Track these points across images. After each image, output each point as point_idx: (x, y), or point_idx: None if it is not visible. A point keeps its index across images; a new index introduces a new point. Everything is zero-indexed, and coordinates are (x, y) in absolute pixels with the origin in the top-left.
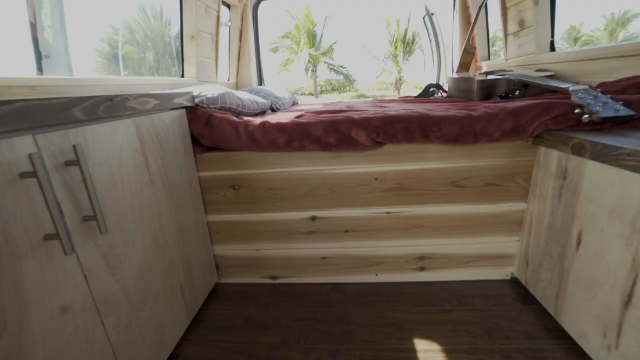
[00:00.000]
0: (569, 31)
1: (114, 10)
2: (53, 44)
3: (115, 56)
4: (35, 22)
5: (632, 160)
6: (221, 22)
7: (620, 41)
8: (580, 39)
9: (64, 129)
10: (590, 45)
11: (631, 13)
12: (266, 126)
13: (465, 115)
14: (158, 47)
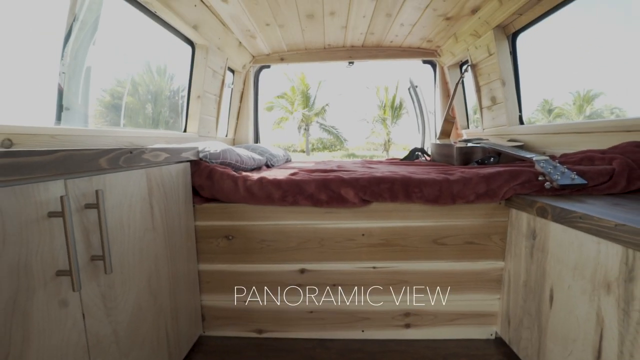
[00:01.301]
0: (543, 104)
1: (123, 65)
2: (74, 97)
3: (115, 105)
4: (64, 77)
5: (583, 222)
6: (225, 83)
7: (587, 115)
8: (553, 111)
9: (89, 175)
10: (562, 116)
11: (593, 92)
12: (263, 181)
13: (443, 178)
14: (158, 100)
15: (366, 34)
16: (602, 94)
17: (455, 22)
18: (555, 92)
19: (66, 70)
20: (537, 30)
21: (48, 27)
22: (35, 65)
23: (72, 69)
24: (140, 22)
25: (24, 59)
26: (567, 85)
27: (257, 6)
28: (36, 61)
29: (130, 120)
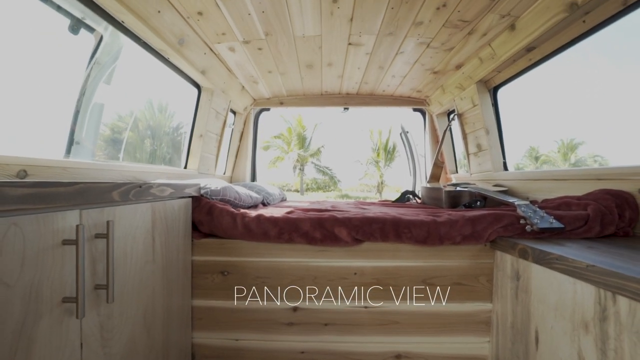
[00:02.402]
0: (530, 151)
1: (127, 102)
2: (85, 133)
3: (114, 140)
4: (78, 113)
5: (559, 263)
6: (226, 124)
7: (572, 162)
8: (539, 158)
9: (101, 206)
10: (548, 163)
11: (575, 140)
12: (261, 218)
13: (431, 220)
14: (157, 135)
15: (360, 83)
16: (583, 143)
17: (442, 75)
18: (540, 140)
19: (81, 108)
20: (523, 81)
21: (67, 69)
22: (52, 99)
23: (86, 107)
24: (149, 63)
25: (42, 91)
26: (551, 133)
27: (261, 56)
28: (53, 94)
29: (129, 154)
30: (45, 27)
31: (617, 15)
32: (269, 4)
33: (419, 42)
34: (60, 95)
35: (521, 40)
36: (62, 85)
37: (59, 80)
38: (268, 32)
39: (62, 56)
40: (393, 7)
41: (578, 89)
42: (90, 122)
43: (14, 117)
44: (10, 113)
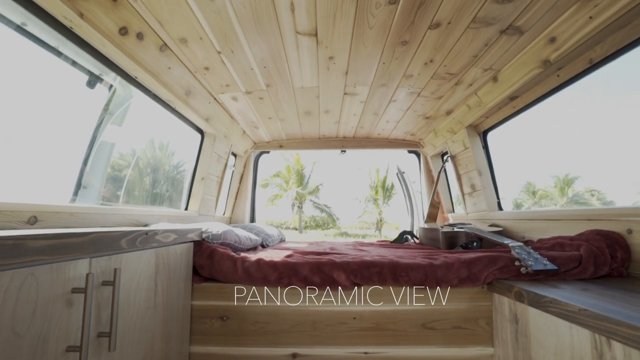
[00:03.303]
0: (527, 186)
1: (130, 142)
2: (92, 177)
3: (114, 178)
4: (88, 159)
5: (553, 307)
6: (227, 166)
7: (569, 196)
8: (537, 193)
9: (110, 254)
10: (547, 198)
11: (571, 175)
12: (260, 263)
13: (428, 263)
14: (157, 174)
15: (357, 128)
16: (579, 177)
17: (434, 120)
18: (536, 175)
19: (90, 154)
20: (515, 119)
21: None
22: (62, 145)
23: (95, 153)
24: (155, 108)
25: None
26: (546, 168)
27: (262, 104)
28: (64, 140)
29: (128, 193)
30: (64, 82)
31: (586, 71)
32: (270, 60)
33: (410, 91)
34: (70, 141)
35: (504, 90)
36: (74, 132)
37: (71, 127)
38: (269, 84)
39: (76, 105)
40: (384, 63)
41: (571, 123)
42: (98, 167)
43: (25, 162)
44: (22, 158)
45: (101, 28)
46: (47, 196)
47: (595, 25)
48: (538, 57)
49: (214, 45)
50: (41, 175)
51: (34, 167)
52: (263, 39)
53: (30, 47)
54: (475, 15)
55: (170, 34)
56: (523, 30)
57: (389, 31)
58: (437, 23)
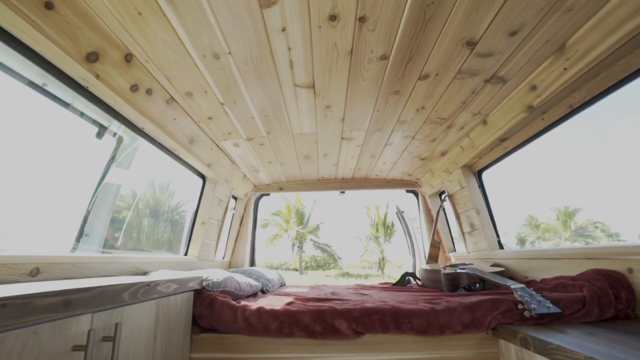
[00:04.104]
0: (529, 219)
1: (133, 184)
2: (95, 225)
3: (113, 219)
4: (92, 204)
5: (560, 354)
6: (228, 209)
7: (573, 229)
8: (540, 226)
9: (112, 308)
10: (550, 231)
11: (572, 207)
12: (261, 312)
13: (430, 308)
14: (156, 215)
15: (354, 169)
16: (580, 210)
17: (429, 161)
18: (537, 208)
19: (94, 202)
20: (513, 156)
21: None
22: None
23: (99, 201)
24: (158, 154)
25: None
26: (546, 202)
27: (262, 149)
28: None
29: (126, 234)
30: (74, 133)
31: (568, 115)
32: (270, 110)
33: (405, 135)
34: (76, 189)
35: (494, 133)
36: (80, 180)
37: (78, 175)
38: (269, 131)
39: (84, 155)
40: (379, 110)
41: (567, 155)
42: (102, 212)
43: (30, 211)
44: (26, 208)
45: (114, 86)
46: (51, 243)
47: (569, 75)
48: (522, 102)
49: (217, 98)
50: (46, 223)
51: (38, 215)
52: (264, 91)
53: (45, 103)
54: (460, 67)
55: (177, 89)
56: (506, 79)
57: (381, 83)
58: (426, 75)
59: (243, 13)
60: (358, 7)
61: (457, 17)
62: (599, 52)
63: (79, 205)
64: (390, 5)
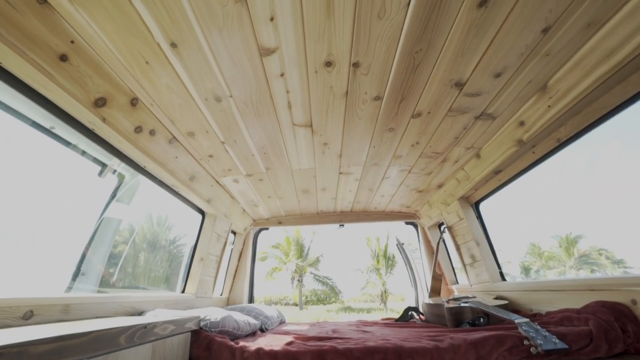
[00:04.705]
0: (531, 247)
1: (129, 218)
2: (93, 263)
3: (110, 254)
4: (89, 245)
5: None
6: (227, 244)
7: (576, 257)
8: (543, 254)
9: (107, 353)
10: (554, 259)
11: (573, 234)
12: (260, 353)
13: (433, 346)
14: (154, 249)
15: (353, 203)
16: (582, 236)
17: (427, 193)
18: (538, 235)
19: (94, 242)
20: (514, 185)
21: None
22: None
23: (98, 239)
24: (158, 190)
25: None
26: (547, 229)
27: (262, 185)
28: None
29: (123, 270)
30: (77, 173)
31: (557, 148)
32: (269, 147)
33: (401, 169)
34: (76, 227)
35: (488, 166)
36: (81, 218)
37: (79, 213)
38: (268, 167)
39: (86, 193)
40: (375, 146)
41: (564, 182)
42: (99, 253)
43: (28, 250)
44: (22, 248)
45: (119, 128)
46: (46, 283)
47: (554, 112)
48: (512, 137)
49: (218, 137)
50: (43, 262)
51: (36, 254)
52: (263, 130)
53: (49, 143)
54: (450, 106)
55: (180, 129)
56: (495, 115)
57: (376, 121)
58: (419, 113)
59: (244, 61)
60: (352, 54)
61: (444, 62)
62: (578, 92)
63: (78, 243)
64: (382, 52)
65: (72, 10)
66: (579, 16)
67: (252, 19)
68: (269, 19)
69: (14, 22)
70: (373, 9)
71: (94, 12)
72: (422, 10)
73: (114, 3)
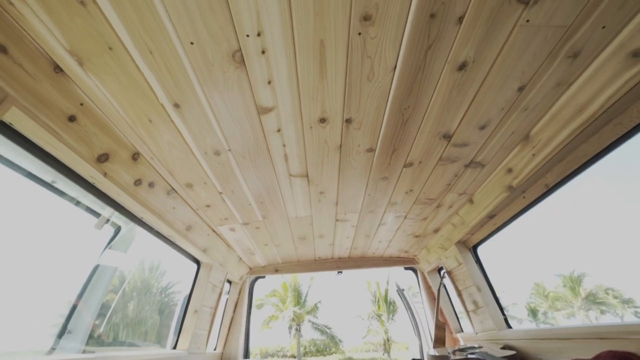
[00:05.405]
0: (536, 288)
1: (122, 269)
2: (82, 317)
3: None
4: (79, 300)
5: None
6: (222, 294)
7: (583, 297)
8: (549, 295)
9: None
10: (561, 300)
11: (576, 272)
12: None
13: None
14: (143, 298)
15: (351, 249)
16: (586, 275)
17: (424, 238)
18: (540, 274)
19: (84, 296)
20: (511, 227)
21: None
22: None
23: (90, 291)
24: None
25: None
26: (549, 268)
27: (258, 233)
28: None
29: (112, 323)
30: (74, 225)
31: (546, 193)
32: (266, 196)
33: (397, 215)
34: (64, 281)
35: (481, 210)
36: (71, 271)
37: (69, 265)
38: (265, 216)
39: (81, 245)
40: (370, 194)
41: (562, 220)
42: (89, 308)
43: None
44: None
45: (119, 182)
46: (29, 341)
47: (538, 160)
48: (502, 183)
49: (216, 188)
50: (28, 319)
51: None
52: (260, 181)
53: (41, 193)
54: (440, 156)
55: (178, 181)
56: (483, 163)
57: (370, 171)
58: (410, 163)
59: (243, 118)
60: (344, 111)
61: (432, 117)
62: (558, 142)
63: (66, 299)
64: (372, 109)
65: (84, 77)
66: (548, 77)
67: (251, 82)
68: (267, 82)
69: (31, 89)
70: (363, 73)
71: (104, 77)
72: (407, 73)
73: (123, 69)
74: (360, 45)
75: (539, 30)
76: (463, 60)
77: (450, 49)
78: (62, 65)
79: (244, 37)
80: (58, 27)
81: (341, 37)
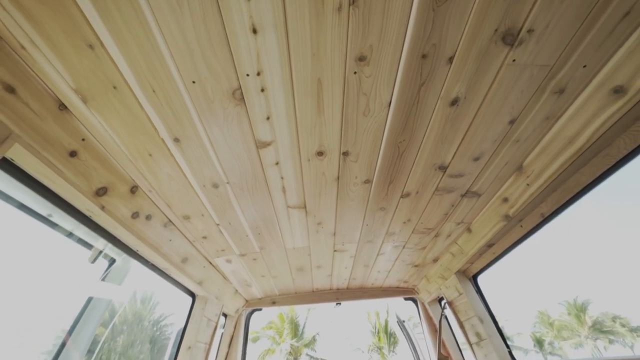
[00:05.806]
0: (540, 316)
1: (115, 302)
2: (71, 355)
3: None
4: (69, 335)
5: None
6: (217, 328)
7: (589, 325)
8: (554, 323)
9: None
10: (566, 329)
11: (580, 298)
12: None
13: None
14: (133, 331)
15: (349, 279)
16: (591, 301)
17: (423, 268)
18: (545, 302)
19: (74, 332)
20: (510, 256)
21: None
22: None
23: (80, 328)
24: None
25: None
26: (552, 296)
27: (255, 264)
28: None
29: (97, 358)
30: (68, 259)
31: (542, 222)
32: (264, 228)
33: (395, 245)
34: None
35: (479, 240)
36: (62, 305)
37: (61, 299)
38: (262, 247)
39: (74, 279)
40: (367, 225)
41: (562, 247)
42: (81, 342)
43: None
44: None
45: (117, 215)
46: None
47: (533, 190)
48: (499, 212)
49: (213, 219)
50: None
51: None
52: (258, 213)
53: (39, 227)
54: (436, 186)
55: (176, 213)
56: (479, 193)
57: (367, 202)
58: (407, 193)
59: (242, 152)
60: (341, 145)
61: (427, 149)
62: (550, 172)
63: (54, 334)
64: (368, 143)
65: (87, 114)
66: (537, 111)
67: (250, 118)
68: (266, 118)
69: (35, 127)
70: (359, 108)
71: (107, 114)
72: (401, 108)
73: (126, 107)
74: (356, 83)
75: (525, 69)
76: (455, 96)
77: (442, 86)
78: (67, 103)
79: (244, 76)
80: (66, 69)
81: (337, 76)
